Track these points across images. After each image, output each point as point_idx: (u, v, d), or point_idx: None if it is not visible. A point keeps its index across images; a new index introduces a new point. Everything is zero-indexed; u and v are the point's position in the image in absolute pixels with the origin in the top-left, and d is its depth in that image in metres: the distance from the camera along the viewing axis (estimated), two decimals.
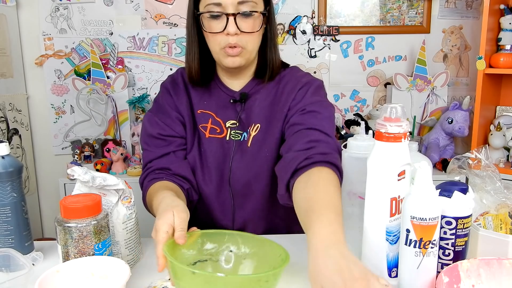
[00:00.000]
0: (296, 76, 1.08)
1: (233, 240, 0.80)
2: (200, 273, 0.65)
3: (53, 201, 2.38)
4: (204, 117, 1.08)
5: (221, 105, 1.08)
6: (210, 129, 1.07)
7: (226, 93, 1.08)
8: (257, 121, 1.05)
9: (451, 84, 2.34)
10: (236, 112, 1.07)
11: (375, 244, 0.73)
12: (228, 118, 1.07)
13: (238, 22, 0.95)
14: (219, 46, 0.98)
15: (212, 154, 1.06)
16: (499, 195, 0.78)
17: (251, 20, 0.97)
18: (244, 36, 0.97)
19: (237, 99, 1.07)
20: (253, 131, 1.05)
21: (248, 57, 1.01)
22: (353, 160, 0.83)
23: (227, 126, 1.07)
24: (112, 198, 0.84)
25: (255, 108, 1.06)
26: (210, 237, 0.80)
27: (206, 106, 1.08)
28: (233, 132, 1.06)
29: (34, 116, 2.35)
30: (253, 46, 1.00)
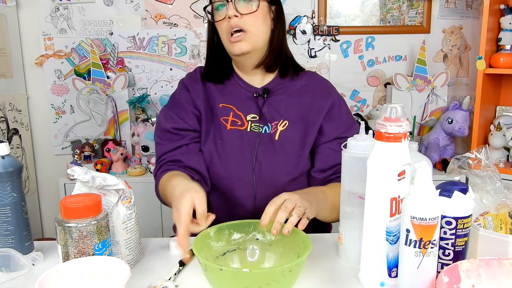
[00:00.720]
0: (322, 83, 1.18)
1: (259, 228, 0.87)
2: (227, 270, 0.73)
3: (53, 201, 2.38)
4: (226, 111, 1.12)
5: (242, 99, 1.13)
6: (231, 122, 1.12)
7: (246, 89, 1.15)
8: (285, 118, 1.11)
9: (451, 84, 2.34)
10: (257, 107, 1.12)
11: (375, 244, 0.74)
12: (249, 112, 1.12)
13: (236, 6, 1.03)
14: (226, 35, 1.05)
15: (234, 144, 1.10)
16: (499, 195, 0.78)
17: (250, 3, 1.04)
18: (246, 18, 1.03)
19: (260, 94, 1.13)
20: (281, 127, 1.11)
21: (253, 41, 1.06)
22: (353, 160, 0.83)
23: (248, 119, 1.12)
24: (112, 198, 0.84)
25: (281, 105, 1.12)
26: (237, 228, 0.88)
27: (227, 100, 1.13)
28: (254, 125, 1.11)
29: (34, 116, 2.35)
30: (256, 30, 1.05)
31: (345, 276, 0.82)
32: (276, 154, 1.09)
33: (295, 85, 1.15)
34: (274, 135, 1.10)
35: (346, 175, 0.85)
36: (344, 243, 0.87)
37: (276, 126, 1.11)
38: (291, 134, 1.10)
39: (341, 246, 0.88)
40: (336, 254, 0.91)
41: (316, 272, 0.83)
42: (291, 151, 1.09)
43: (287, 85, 1.15)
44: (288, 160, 1.08)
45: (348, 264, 0.86)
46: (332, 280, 0.80)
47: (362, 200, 0.79)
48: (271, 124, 1.11)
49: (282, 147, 1.09)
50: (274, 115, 1.11)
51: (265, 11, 1.07)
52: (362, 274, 0.78)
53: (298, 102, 1.13)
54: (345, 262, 0.87)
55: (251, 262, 0.86)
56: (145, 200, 2.03)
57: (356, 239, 0.82)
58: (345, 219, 0.87)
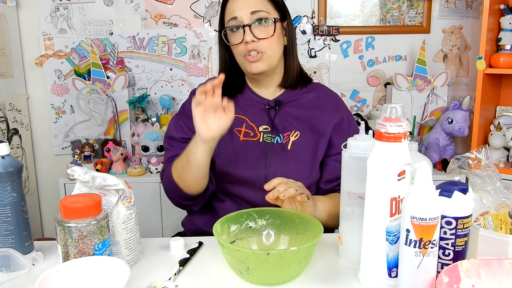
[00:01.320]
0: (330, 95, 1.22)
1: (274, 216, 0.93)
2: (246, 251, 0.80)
3: (53, 201, 2.38)
4: (239, 122, 1.15)
5: (254, 111, 1.18)
6: (244, 133, 1.16)
7: (258, 101, 1.19)
8: (296, 129, 1.15)
9: (451, 84, 2.34)
10: (269, 118, 1.17)
11: (375, 244, 0.74)
12: (261, 123, 1.16)
13: (253, 31, 1.08)
14: (241, 55, 1.11)
15: (247, 154, 1.13)
16: (499, 195, 0.78)
17: (265, 27, 1.09)
18: (262, 42, 1.08)
19: (271, 106, 1.17)
20: (293, 137, 1.15)
21: (269, 62, 1.11)
22: (353, 160, 0.83)
23: (260, 130, 1.16)
24: (112, 198, 0.84)
25: (292, 116, 1.16)
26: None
27: (240, 111, 1.15)
28: (266, 136, 1.15)
29: (34, 116, 2.35)
30: (272, 52, 1.10)
31: (345, 276, 0.82)
32: (289, 163, 1.12)
33: (306, 97, 1.19)
34: (287, 145, 1.14)
35: (346, 175, 0.85)
36: (344, 243, 0.87)
37: (288, 137, 1.14)
38: (303, 143, 1.14)
39: (341, 246, 0.88)
40: (336, 254, 0.91)
41: (316, 272, 0.83)
42: (303, 160, 1.12)
43: (298, 98, 1.19)
44: (300, 169, 1.12)
45: (348, 264, 0.86)
46: (332, 280, 0.80)
47: (362, 200, 0.79)
48: (283, 135, 1.15)
49: (295, 156, 1.12)
50: (286, 126, 1.15)
51: (279, 31, 1.12)
52: (362, 274, 0.78)
53: (308, 114, 1.16)
54: (345, 262, 0.87)
55: (267, 245, 0.92)
56: (145, 200, 2.04)
57: (356, 239, 0.82)
58: (345, 219, 0.87)
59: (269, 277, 0.77)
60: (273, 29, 1.09)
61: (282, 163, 1.12)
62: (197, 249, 0.93)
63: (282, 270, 0.76)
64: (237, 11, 1.08)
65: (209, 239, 0.97)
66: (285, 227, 0.92)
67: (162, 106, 2.33)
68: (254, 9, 1.08)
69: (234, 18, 1.09)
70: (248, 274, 0.78)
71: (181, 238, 0.93)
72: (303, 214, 0.91)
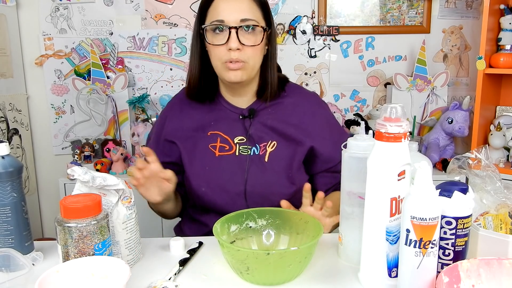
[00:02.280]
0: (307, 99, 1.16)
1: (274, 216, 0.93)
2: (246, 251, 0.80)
3: (53, 201, 2.38)
4: (213, 137, 1.11)
5: (228, 122, 1.12)
6: (219, 147, 1.10)
7: (232, 111, 1.13)
8: (273, 139, 1.10)
9: (451, 84, 2.34)
10: (243, 128, 1.11)
11: (375, 244, 0.74)
12: (236, 135, 1.11)
13: (240, 37, 1.00)
14: (221, 61, 1.02)
15: (224, 169, 1.09)
16: (499, 195, 0.78)
17: (252, 35, 1.01)
18: (246, 50, 1.01)
19: (246, 115, 1.11)
20: (270, 148, 1.10)
21: (249, 72, 1.05)
22: (353, 160, 0.83)
23: (235, 142, 1.11)
24: (112, 198, 0.84)
25: (268, 124, 1.11)
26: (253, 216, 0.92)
27: (212, 126, 1.12)
28: (242, 148, 1.10)
29: (34, 116, 2.34)
30: (254, 62, 1.04)
31: (345, 276, 0.82)
32: (267, 176, 1.08)
33: (282, 102, 1.14)
34: (264, 156, 1.09)
35: (346, 175, 0.85)
36: (344, 243, 0.87)
37: (265, 148, 1.10)
38: (281, 154, 1.10)
39: (341, 246, 0.88)
40: (336, 254, 0.91)
41: (316, 272, 0.83)
42: (282, 172, 1.09)
43: (273, 104, 1.13)
44: (279, 181, 1.08)
45: (348, 264, 0.86)
46: (332, 280, 0.80)
47: (362, 200, 0.79)
48: (260, 145, 1.10)
49: (273, 168, 1.08)
50: (262, 136, 1.10)
51: (264, 42, 1.06)
52: (362, 274, 0.78)
53: (285, 120, 1.12)
54: (345, 262, 0.87)
55: (267, 245, 0.92)
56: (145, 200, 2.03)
57: (356, 239, 0.82)
58: (345, 219, 0.87)
59: (269, 277, 0.77)
60: (261, 37, 1.02)
61: (260, 176, 1.08)
62: (197, 249, 0.93)
63: (282, 270, 0.76)
64: (226, 15, 1.00)
65: (209, 239, 0.97)
66: (285, 227, 0.92)
67: (162, 106, 2.33)
68: (246, 17, 1.00)
69: (220, 21, 1.00)
70: (248, 274, 0.78)
71: (181, 238, 0.93)
72: (303, 214, 0.91)
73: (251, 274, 0.77)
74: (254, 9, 1.02)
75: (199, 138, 1.12)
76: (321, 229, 0.81)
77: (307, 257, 0.79)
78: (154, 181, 0.99)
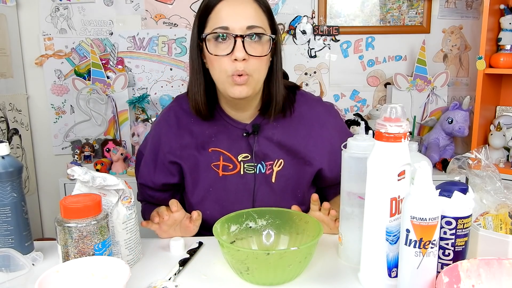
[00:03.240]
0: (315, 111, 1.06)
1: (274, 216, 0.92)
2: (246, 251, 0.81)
3: (53, 201, 2.38)
4: (215, 155, 1.04)
5: (231, 139, 1.04)
6: (222, 167, 1.04)
7: (235, 126, 1.04)
8: (279, 156, 1.03)
9: (451, 84, 2.34)
10: (248, 145, 1.03)
11: (375, 244, 0.74)
12: (240, 152, 1.03)
13: (246, 46, 0.90)
14: (226, 74, 0.92)
15: (229, 191, 1.04)
16: (499, 195, 0.78)
17: (259, 45, 0.92)
18: (252, 62, 0.91)
19: (249, 132, 1.03)
20: (277, 167, 1.04)
21: (254, 86, 0.95)
22: (353, 160, 0.83)
23: (239, 160, 1.04)
24: (112, 198, 0.84)
25: (274, 139, 1.04)
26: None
27: (214, 143, 1.04)
28: (246, 166, 1.04)
29: (34, 116, 2.34)
30: (259, 75, 0.95)
31: (345, 276, 0.82)
32: (275, 198, 1.03)
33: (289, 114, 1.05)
34: (271, 177, 1.04)
35: (346, 175, 0.85)
36: (344, 243, 0.87)
37: (271, 167, 1.03)
38: (288, 174, 1.04)
39: (341, 246, 0.88)
40: (336, 254, 0.91)
41: (316, 272, 0.83)
42: (290, 193, 1.05)
43: (279, 116, 1.04)
44: (289, 204, 0.98)
45: (348, 264, 0.86)
46: (332, 280, 0.80)
47: (362, 200, 0.79)
48: (266, 164, 1.03)
49: (281, 189, 1.04)
50: (268, 154, 1.03)
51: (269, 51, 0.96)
52: (362, 274, 0.78)
53: (292, 134, 1.04)
54: (345, 262, 0.87)
55: (267, 245, 0.92)
56: None
57: (356, 239, 0.82)
58: (345, 219, 0.87)
59: (269, 277, 0.77)
60: (268, 47, 0.93)
61: (267, 198, 1.03)
62: (197, 249, 0.93)
63: (282, 270, 0.76)
64: (231, 21, 0.90)
65: (209, 239, 0.97)
66: (285, 227, 0.92)
67: (162, 106, 2.33)
68: (252, 24, 0.90)
69: (225, 28, 0.90)
70: (248, 274, 0.78)
71: (181, 238, 0.93)
72: (303, 214, 0.91)
73: (251, 274, 0.77)
74: (261, 15, 0.93)
75: (200, 156, 1.04)
76: (321, 229, 0.81)
77: (307, 257, 0.79)
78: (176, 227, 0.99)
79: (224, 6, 0.92)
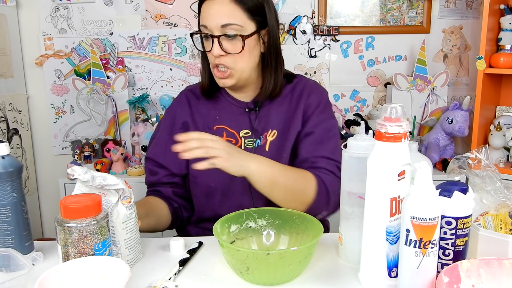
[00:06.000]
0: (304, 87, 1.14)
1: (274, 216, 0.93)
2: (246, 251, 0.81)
3: (53, 201, 2.38)
4: (219, 132, 1.12)
5: (234, 116, 1.13)
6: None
7: (236, 105, 1.14)
8: (273, 128, 1.11)
9: (451, 84, 2.34)
10: (249, 121, 1.12)
11: (375, 244, 0.74)
12: (241, 128, 1.12)
13: (223, 44, 1.00)
14: (211, 66, 1.06)
15: None
16: (499, 195, 0.78)
17: (235, 42, 1.01)
18: (230, 57, 1.01)
19: (251, 108, 1.12)
20: (270, 137, 1.11)
21: (239, 76, 1.05)
22: (353, 160, 0.83)
23: (241, 135, 1.12)
24: (112, 198, 0.84)
25: (271, 116, 1.12)
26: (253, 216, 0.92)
27: (218, 120, 1.13)
28: (247, 141, 1.11)
29: (34, 116, 2.35)
30: (242, 66, 1.03)
31: (345, 276, 0.82)
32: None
33: (287, 95, 1.14)
34: (264, 146, 1.10)
35: (346, 175, 0.85)
36: (344, 243, 0.87)
37: (266, 137, 1.11)
38: (280, 142, 1.10)
39: (341, 246, 0.88)
40: (336, 254, 0.91)
41: (316, 272, 0.83)
42: (281, 158, 1.09)
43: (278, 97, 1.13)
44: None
45: (348, 264, 0.86)
46: (332, 280, 0.80)
47: (362, 200, 0.79)
48: (262, 136, 1.11)
49: (272, 156, 1.06)
50: (265, 126, 1.11)
51: (253, 44, 1.03)
52: (362, 274, 0.78)
53: (286, 108, 1.12)
54: (345, 262, 0.87)
55: (267, 245, 0.92)
56: None
57: (356, 239, 0.82)
58: (345, 219, 0.87)
59: (269, 277, 0.77)
60: (241, 45, 1.00)
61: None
62: (197, 249, 0.93)
63: (282, 270, 0.76)
64: (208, 20, 1.00)
65: (209, 239, 0.97)
66: (285, 227, 0.92)
67: (162, 106, 2.33)
68: (226, 22, 0.99)
69: (205, 26, 1.01)
70: (248, 274, 0.78)
71: (181, 238, 0.93)
72: (303, 214, 0.91)
73: (251, 274, 0.77)
74: (237, 13, 1.00)
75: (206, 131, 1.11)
76: (321, 229, 0.81)
77: (307, 257, 0.79)
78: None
79: (205, 6, 1.02)
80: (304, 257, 0.77)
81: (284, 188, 0.98)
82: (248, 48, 1.02)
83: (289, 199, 0.99)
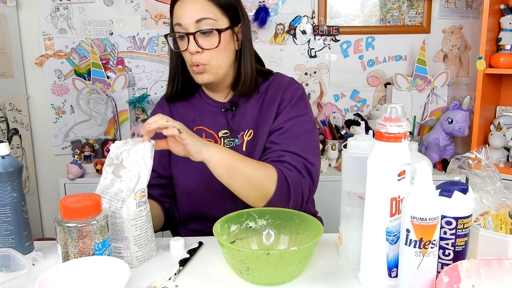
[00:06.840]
0: (280, 84, 1.14)
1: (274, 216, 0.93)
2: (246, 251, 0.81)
3: (53, 201, 2.38)
4: (199, 133, 1.12)
5: (211, 116, 1.14)
6: None
7: (214, 106, 1.16)
8: (249, 127, 1.12)
9: (451, 84, 2.34)
10: (226, 121, 1.13)
11: (375, 244, 0.74)
12: (220, 128, 1.13)
13: (198, 40, 1.02)
14: (188, 64, 1.07)
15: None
16: (499, 195, 0.78)
17: (211, 37, 1.03)
18: (206, 52, 1.03)
19: (228, 108, 1.14)
20: (247, 136, 1.12)
21: (215, 72, 1.07)
22: (353, 160, 0.83)
23: (220, 136, 1.13)
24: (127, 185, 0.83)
25: (247, 115, 1.13)
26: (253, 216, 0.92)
27: (197, 122, 1.14)
28: (226, 141, 1.12)
29: (34, 116, 2.35)
30: (217, 62, 1.05)
31: (345, 276, 0.82)
32: None
33: (262, 92, 1.14)
34: (242, 146, 1.11)
35: (346, 175, 0.85)
36: (344, 243, 0.87)
37: (242, 137, 1.12)
38: (256, 143, 1.10)
39: (341, 246, 0.88)
40: (336, 254, 0.91)
41: (316, 272, 0.83)
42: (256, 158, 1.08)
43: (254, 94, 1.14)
44: None
45: (348, 264, 0.86)
46: (332, 280, 0.80)
47: (362, 200, 0.79)
48: (239, 135, 1.12)
49: (249, 156, 1.06)
50: (241, 126, 1.12)
51: (228, 40, 1.06)
52: (362, 274, 0.78)
53: (264, 109, 1.12)
54: (345, 262, 0.87)
55: (267, 245, 0.92)
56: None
57: (356, 239, 0.82)
58: (345, 219, 0.87)
59: (269, 277, 0.77)
60: (217, 40, 1.03)
61: None
62: (197, 249, 0.93)
63: (282, 270, 0.76)
64: (182, 18, 1.02)
65: (209, 239, 0.97)
66: (285, 227, 0.92)
67: None
68: (200, 17, 1.01)
69: (179, 25, 1.03)
70: (248, 274, 0.78)
71: (181, 238, 0.93)
72: (303, 214, 0.91)
73: (251, 274, 0.77)
74: (210, 7, 1.02)
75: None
76: (321, 229, 0.81)
77: (307, 257, 0.79)
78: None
79: (178, 5, 1.04)
80: (304, 257, 0.77)
81: (242, 176, 0.96)
82: (223, 43, 1.04)
83: (248, 189, 0.98)
